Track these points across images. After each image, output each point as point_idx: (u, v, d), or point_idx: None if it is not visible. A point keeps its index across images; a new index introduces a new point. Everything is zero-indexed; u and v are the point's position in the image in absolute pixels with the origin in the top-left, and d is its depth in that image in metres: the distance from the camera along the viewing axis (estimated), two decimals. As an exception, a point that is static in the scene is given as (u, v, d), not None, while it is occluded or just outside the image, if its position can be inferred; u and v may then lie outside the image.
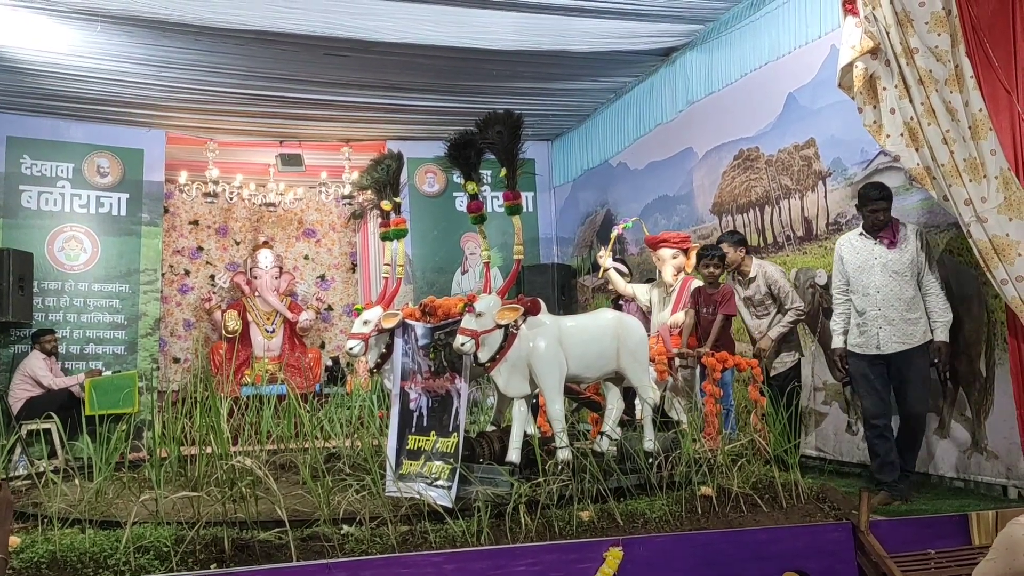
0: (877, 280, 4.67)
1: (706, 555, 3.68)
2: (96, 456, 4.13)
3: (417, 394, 4.33)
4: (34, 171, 8.72)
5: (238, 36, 6.70)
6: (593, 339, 4.36)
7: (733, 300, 5.52)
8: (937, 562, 3.84)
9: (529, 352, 4.11)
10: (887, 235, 4.67)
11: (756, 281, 5.54)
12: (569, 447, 4.10)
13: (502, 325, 4.03)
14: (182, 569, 3.22)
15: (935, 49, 4.39)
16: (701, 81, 7.24)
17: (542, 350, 4.12)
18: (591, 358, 4.33)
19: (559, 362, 4.15)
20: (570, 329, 4.32)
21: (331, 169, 10.27)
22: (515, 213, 4.26)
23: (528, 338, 4.12)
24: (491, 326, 4.02)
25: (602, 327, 4.44)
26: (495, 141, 4.19)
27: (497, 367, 4.09)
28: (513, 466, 3.97)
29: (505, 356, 4.07)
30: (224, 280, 10.55)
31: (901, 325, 4.60)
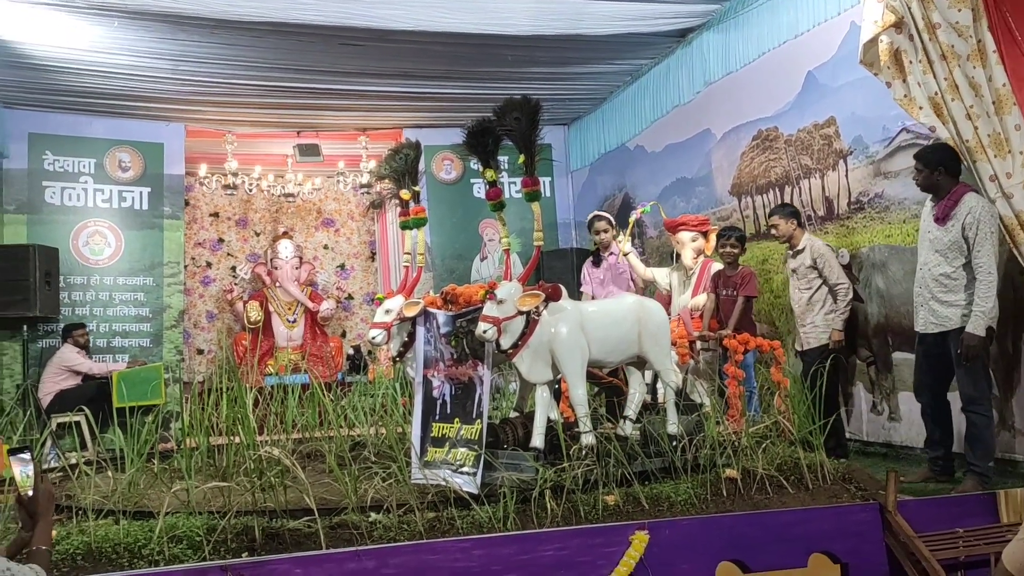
0: (923, 256, 4.56)
1: (732, 537, 3.68)
2: (128, 448, 4.18)
3: (440, 382, 4.36)
4: (56, 167, 8.81)
5: (254, 28, 6.71)
6: (614, 323, 4.35)
7: (753, 281, 5.50)
8: (966, 541, 3.82)
9: (551, 338, 4.11)
10: (939, 209, 4.41)
11: (804, 253, 5.45)
12: (593, 432, 4.11)
13: (523, 312, 4.03)
14: (214, 558, 3.26)
15: (956, 24, 4.34)
16: (718, 61, 7.18)
17: (564, 336, 4.11)
18: (613, 343, 4.32)
19: (581, 347, 4.15)
20: (591, 314, 4.32)
21: (348, 158, 10.30)
22: (534, 199, 4.26)
23: (550, 324, 4.12)
24: (512, 313, 4.01)
25: (623, 311, 4.43)
26: (513, 128, 4.17)
27: (519, 354, 4.09)
28: (537, 452, 3.98)
29: (527, 342, 4.07)
30: (245, 271, 10.63)
31: (935, 306, 4.48)
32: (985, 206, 4.27)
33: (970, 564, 3.83)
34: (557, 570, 3.44)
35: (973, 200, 4.30)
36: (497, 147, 4.35)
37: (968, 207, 4.28)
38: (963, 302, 4.38)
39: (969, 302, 4.35)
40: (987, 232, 4.24)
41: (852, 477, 4.19)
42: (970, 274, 4.33)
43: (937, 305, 4.47)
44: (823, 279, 5.39)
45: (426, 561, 3.33)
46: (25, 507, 2.38)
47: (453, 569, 3.34)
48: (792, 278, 5.57)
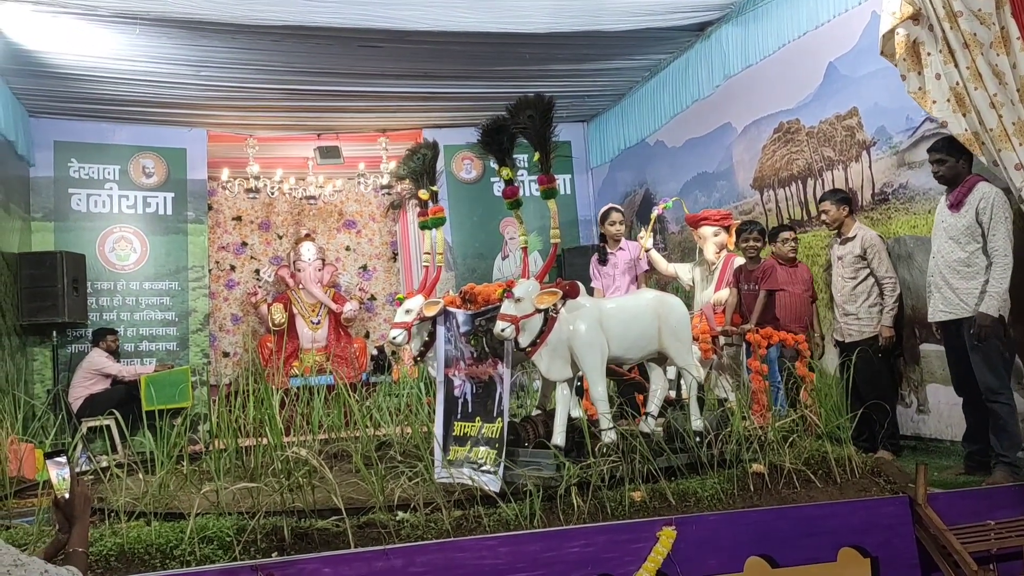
0: (937, 244, 4.58)
1: (760, 532, 3.67)
2: (157, 450, 4.23)
3: (461, 381, 4.37)
4: (82, 174, 8.93)
5: (273, 32, 6.77)
6: (634, 319, 4.34)
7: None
8: (997, 533, 3.79)
9: (570, 335, 4.11)
10: (954, 197, 4.49)
11: (854, 241, 5.37)
12: (615, 428, 4.10)
13: (541, 309, 4.03)
14: (245, 558, 3.30)
15: (978, 12, 4.29)
16: (738, 54, 7.13)
17: (583, 333, 4.11)
18: (632, 339, 4.31)
19: (600, 344, 4.15)
20: (610, 311, 4.31)
21: (369, 160, 10.34)
22: (550, 197, 4.25)
23: (568, 321, 4.12)
24: (530, 311, 4.02)
25: (643, 307, 4.41)
26: (527, 125, 4.17)
27: (538, 351, 4.10)
28: (559, 449, 3.99)
29: (546, 340, 4.07)
30: (269, 274, 10.71)
31: (948, 292, 4.49)
32: (999, 192, 4.36)
33: (1002, 556, 3.79)
34: (584, 567, 3.45)
35: (986, 187, 4.41)
36: (512, 145, 4.35)
37: (981, 193, 4.39)
38: (978, 289, 4.39)
39: (984, 289, 4.37)
40: (1001, 216, 4.33)
41: (881, 470, 4.16)
42: (984, 260, 4.37)
43: (950, 292, 4.48)
44: (871, 270, 5.31)
45: (453, 559, 3.34)
46: (62, 510, 2.42)
47: (480, 567, 3.36)
48: (837, 266, 5.47)
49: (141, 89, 7.98)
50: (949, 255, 4.50)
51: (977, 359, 4.40)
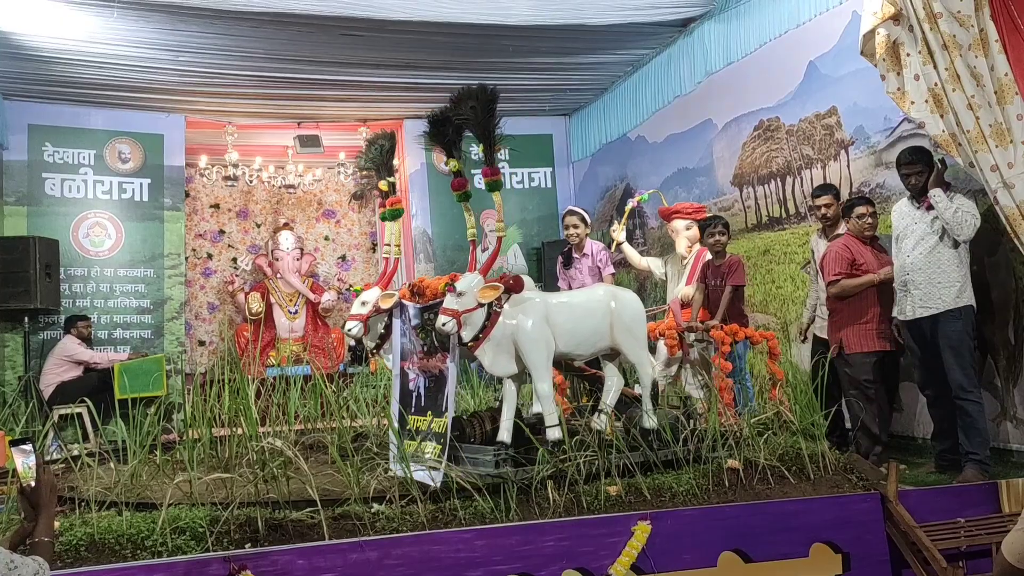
0: (909, 244, 4.63)
1: (734, 527, 3.69)
2: (130, 439, 4.19)
3: (415, 374, 4.34)
4: (56, 158, 8.80)
5: (254, 18, 6.69)
6: (583, 314, 4.25)
7: (741, 270, 5.35)
8: (967, 531, 3.83)
9: (514, 330, 4.04)
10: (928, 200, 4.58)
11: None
12: (560, 426, 4.01)
13: (483, 304, 3.98)
14: (217, 549, 3.27)
15: (958, 14, 4.32)
16: (719, 51, 7.16)
17: (527, 328, 4.04)
18: (582, 335, 4.23)
19: (545, 340, 4.06)
20: (558, 305, 4.22)
21: (349, 149, 10.28)
22: (495, 189, 4.21)
23: (512, 316, 4.05)
24: (472, 305, 3.96)
25: (594, 302, 4.33)
26: (469, 117, 4.11)
27: (481, 346, 4.03)
28: (504, 446, 3.93)
29: (488, 335, 4.01)
30: (246, 263, 10.62)
31: (926, 288, 4.53)
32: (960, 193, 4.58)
33: (972, 554, 3.84)
34: (559, 560, 3.45)
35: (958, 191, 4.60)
36: (459, 137, 4.27)
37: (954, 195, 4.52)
38: (953, 284, 4.45)
39: (961, 283, 4.45)
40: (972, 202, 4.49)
41: (853, 467, 4.20)
42: (959, 255, 4.48)
43: (929, 287, 4.52)
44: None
45: (428, 552, 3.34)
46: (27, 498, 2.39)
47: (455, 560, 3.35)
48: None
49: (118, 73, 7.87)
50: (924, 253, 4.55)
51: (949, 357, 4.45)
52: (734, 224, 7.08)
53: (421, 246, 9.86)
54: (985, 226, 4.69)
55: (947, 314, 4.48)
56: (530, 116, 10.02)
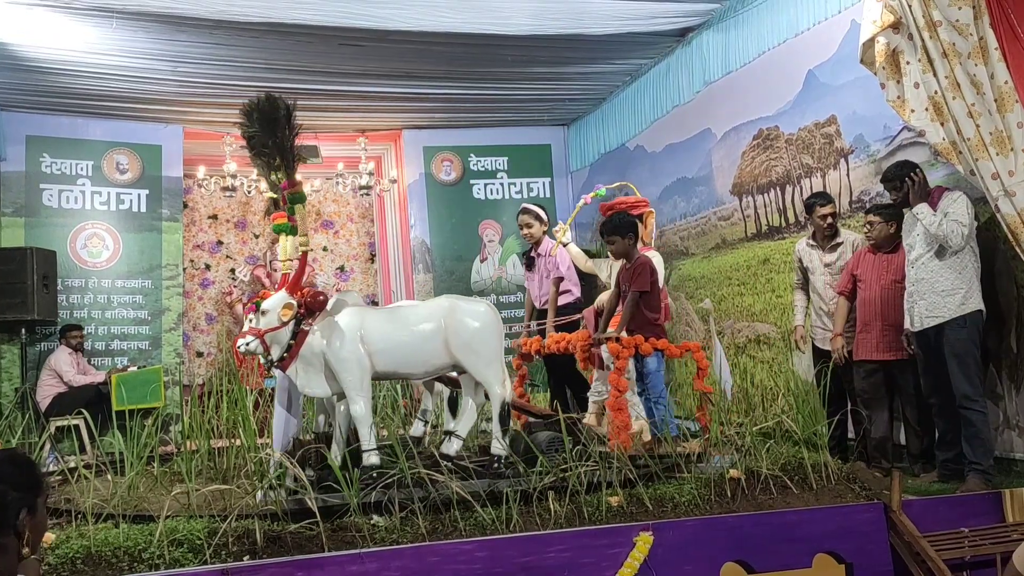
0: (913, 255, 4.63)
1: (736, 538, 3.67)
2: (127, 451, 4.16)
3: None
4: (54, 169, 8.78)
5: (252, 28, 6.69)
6: (404, 331, 4.12)
7: (645, 274, 4.78)
8: (971, 540, 3.81)
9: (324, 349, 3.98)
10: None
11: (843, 246, 5.34)
12: (377, 451, 3.90)
13: (286, 322, 3.94)
14: (215, 561, 3.24)
15: (957, 23, 4.32)
16: (718, 61, 7.16)
17: (336, 347, 3.97)
18: (404, 353, 4.08)
19: (358, 359, 3.97)
20: (375, 322, 4.11)
21: (348, 160, 10.28)
22: (295, 202, 4.13)
23: (323, 334, 3.99)
24: (276, 324, 3.93)
25: (422, 317, 4.18)
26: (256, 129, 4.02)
27: (291, 366, 3.99)
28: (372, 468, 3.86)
29: (296, 354, 3.96)
30: (244, 273, 10.61)
31: (931, 297, 4.52)
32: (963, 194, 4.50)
33: (975, 564, 3.82)
34: (560, 572, 3.43)
35: (954, 192, 4.54)
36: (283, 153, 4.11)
37: (954, 197, 4.50)
38: (961, 290, 4.44)
39: (964, 290, 4.43)
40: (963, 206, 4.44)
41: (856, 477, 4.18)
42: (959, 262, 4.45)
43: (934, 296, 4.51)
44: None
45: (428, 564, 3.31)
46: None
47: (456, 571, 3.33)
48: (822, 272, 5.40)
49: (117, 84, 7.86)
50: (927, 261, 4.54)
51: (954, 366, 4.43)
52: (733, 233, 7.09)
53: (420, 256, 9.85)
54: (986, 234, 4.70)
55: (952, 322, 4.45)
56: (528, 126, 10.04)
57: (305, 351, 3.98)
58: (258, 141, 4.04)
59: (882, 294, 4.92)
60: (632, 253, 4.91)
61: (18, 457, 2.23)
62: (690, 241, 7.78)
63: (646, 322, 4.75)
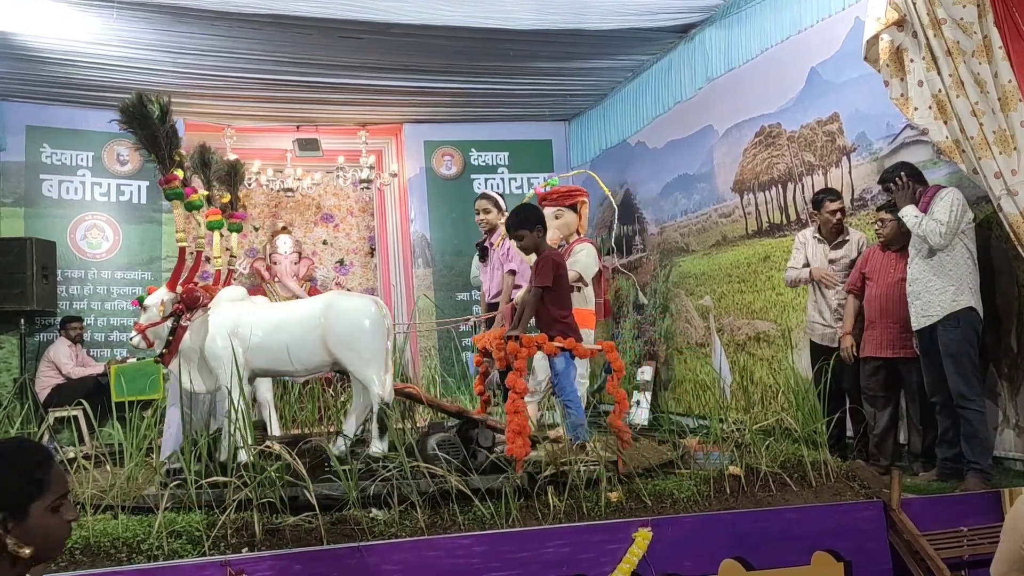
0: (912, 252, 4.66)
1: (735, 535, 3.67)
2: (127, 442, 4.15)
3: None
4: (54, 160, 8.75)
5: (254, 20, 6.67)
6: (279, 328, 4.08)
7: (549, 269, 4.41)
8: (970, 540, 3.81)
9: (201, 345, 4.03)
10: (921, 206, 4.58)
11: (848, 244, 5.33)
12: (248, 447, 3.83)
13: (166, 317, 4.05)
14: (214, 553, 3.24)
15: (961, 21, 4.31)
16: (720, 57, 7.14)
17: (208, 343, 4.02)
18: (278, 350, 4.05)
19: (230, 355, 3.97)
20: (250, 319, 4.10)
21: (348, 153, 10.25)
22: (172, 198, 4.20)
23: (200, 330, 4.04)
24: (156, 319, 4.05)
25: (300, 314, 4.14)
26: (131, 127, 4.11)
27: (173, 361, 4.08)
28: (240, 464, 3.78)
29: (176, 350, 4.05)
30: (244, 266, 10.58)
31: (925, 296, 4.55)
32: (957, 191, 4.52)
33: (974, 563, 3.82)
34: (559, 567, 3.43)
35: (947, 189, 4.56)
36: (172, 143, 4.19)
37: (941, 195, 4.52)
38: (951, 288, 4.46)
39: (954, 288, 4.45)
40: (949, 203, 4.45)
41: (856, 475, 4.18)
42: (950, 260, 4.46)
43: (928, 295, 4.53)
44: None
45: (427, 557, 3.31)
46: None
47: (454, 566, 3.33)
48: (829, 269, 5.39)
49: (117, 75, 7.82)
50: (920, 260, 4.58)
51: (950, 365, 4.44)
52: (734, 231, 7.08)
53: (419, 251, 9.84)
54: (987, 233, 4.69)
55: (945, 321, 4.48)
56: (530, 121, 10.02)
57: (184, 347, 4.07)
58: (136, 138, 4.13)
59: (889, 291, 4.92)
60: (541, 247, 4.56)
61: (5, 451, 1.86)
62: (690, 238, 7.77)
63: (552, 320, 4.41)
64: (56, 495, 1.86)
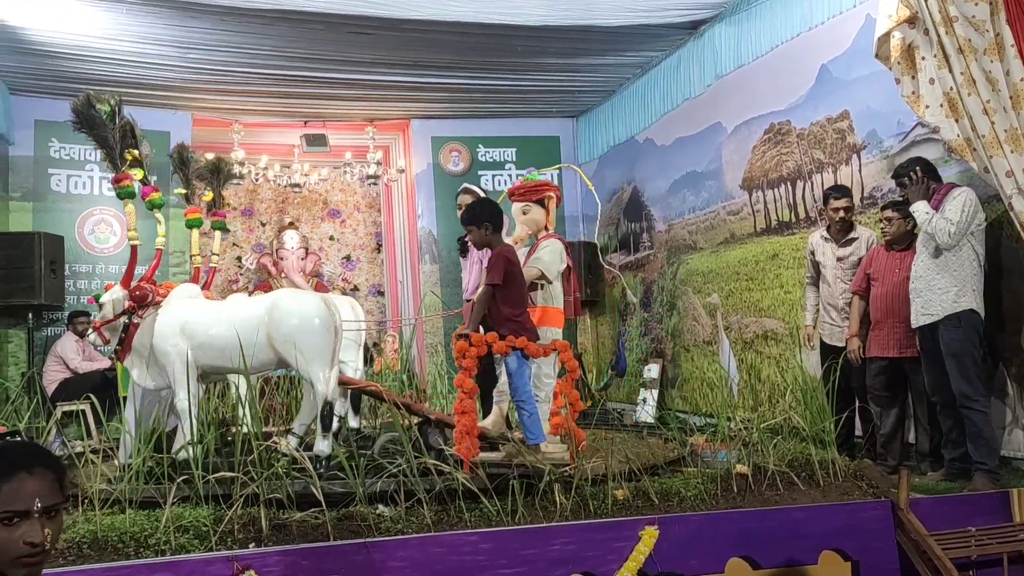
0: (918, 248, 4.65)
1: (742, 533, 3.65)
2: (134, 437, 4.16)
3: None
4: (63, 154, 8.77)
5: (263, 16, 6.67)
6: (224, 325, 4.07)
7: (499, 267, 4.31)
8: (978, 540, 3.79)
9: (150, 342, 4.10)
10: (933, 203, 4.55)
11: (857, 242, 5.30)
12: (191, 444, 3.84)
13: (119, 315, 4.16)
14: (221, 548, 3.24)
15: (973, 19, 4.28)
16: (730, 54, 7.11)
17: (156, 340, 4.08)
18: (223, 347, 4.03)
19: (178, 352, 4.03)
20: (198, 317, 4.11)
21: (356, 149, 10.25)
22: (124, 197, 4.32)
23: (150, 327, 4.12)
24: (110, 316, 4.16)
25: (244, 312, 4.12)
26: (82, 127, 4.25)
27: (128, 357, 4.17)
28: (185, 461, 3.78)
29: (130, 346, 4.14)
30: (251, 262, 10.61)
31: (927, 295, 4.53)
32: (970, 191, 4.47)
33: (982, 563, 3.80)
34: (565, 564, 3.42)
35: (960, 188, 4.51)
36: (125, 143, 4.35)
37: (954, 194, 4.48)
38: (953, 289, 4.44)
39: (957, 289, 4.43)
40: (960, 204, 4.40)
41: (864, 474, 4.16)
42: (956, 260, 4.44)
43: (930, 294, 4.52)
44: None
45: (433, 554, 3.30)
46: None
47: (460, 563, 3.32)
48: (834, 267, 5.38)
49: (126, 70, 7.84)
50: (924, 259, 4.56)
51: (952, 365, 4.43)
52: (742, 228, 7.05)
53: (426, 246, 9.84)
54: (997, 232, 4.67)
55: (946, 321, 4.47)
56: (537, 117, 10.00)
57: (137, 343, 4.14)
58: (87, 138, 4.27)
59: (894, 291, 4.89)
60: (493, 243, 4.46)
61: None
62: (698, 235, 7.74)
63: (503, 318, 4.32)
64: (4, 508, 1.68)
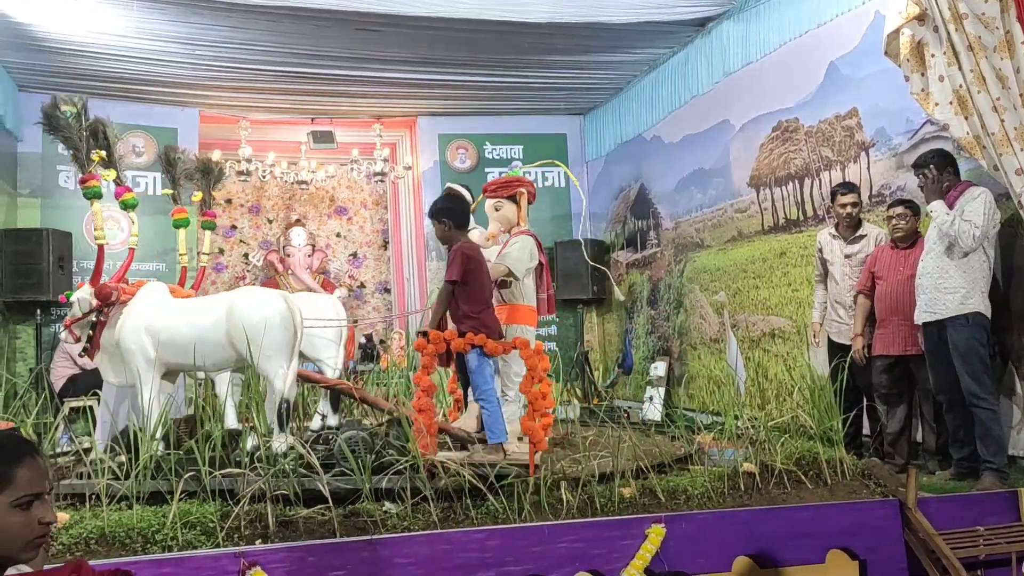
0: (927, 246, 4.63)
1: (749, 532, 3.65)
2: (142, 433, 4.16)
3: None
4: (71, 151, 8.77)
5: (270, 12, 6.67)
6: (186, 324, 4.10)
7: (457, 264, 4.28)
8: (986, 539, 3.78)
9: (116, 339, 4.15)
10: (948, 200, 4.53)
11: (866, 239, 5.28)
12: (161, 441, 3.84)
13: (87, 313, 4.22)
14: (228, 544, 3.25)
15: (983, 16, 4.26)
16: (738, 51, 7.08)
17: (121, 338, 4.14)
18: (185, 345, 4.04)
19: (141, 349, 4.07)
20: (162, 314, 4.14)
21: (362, 146, 10.26)
22: (90, 197, 4.40)
23: (116, 325, 4.18)
24: (79, 315, 4.22)
25: (206, 310, 4.14)
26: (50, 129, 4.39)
27: (97, 355, 4.25)
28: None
29: (98, 343, 4.21)
30: (258, 258, 10.62)
31: (933, 293, 4.51)
32: (987, 191, 4.42)
33: (990, 563, 3.79)
34: (572, 562, 3.42)
35: (977, 189, 4.47)
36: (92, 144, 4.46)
37: (971, 194, 4.45)
38: (962, 290, 4.41)
39: (965, 290, 4.40)
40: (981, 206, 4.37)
41: (872, 473, 4.15)
42: (967, 261, 4.42)
43: (936, 292, 4.50)
44: None
45: (440, 551, 3.31)
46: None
47: (467, 560, 3.32)
48: (842, 264, 5.35)
49: (134, 66, 7.86)
50: (933, 257, 4.54)
51: (960, 364, 4.41)
52: (749, 226, 7.03)
53: (433, 244, 9.83)
54: (1008, 231, 4.64)
55: (953, 321, 4.44)
56: (545, 115, 9.99)
57: (105, 341, 4.20)
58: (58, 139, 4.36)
59: (899, 289, 4.87)
60: (454, 239, 4.43)
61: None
62: (706, 233, 7.73)
63: (462, 316, 4.30)
64: (23, 492, 1.76)
